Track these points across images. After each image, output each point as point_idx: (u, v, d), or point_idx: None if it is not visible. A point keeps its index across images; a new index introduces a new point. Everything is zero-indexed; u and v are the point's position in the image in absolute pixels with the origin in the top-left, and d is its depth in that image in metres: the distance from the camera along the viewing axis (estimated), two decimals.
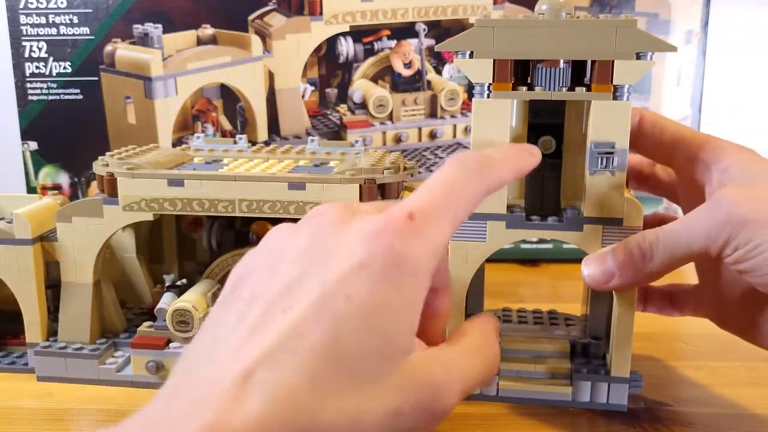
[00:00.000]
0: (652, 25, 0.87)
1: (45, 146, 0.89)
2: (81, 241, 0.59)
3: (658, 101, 0.89)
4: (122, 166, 0.58)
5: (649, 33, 0.50)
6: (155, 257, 0.70)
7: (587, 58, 0.51)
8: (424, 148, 0.91)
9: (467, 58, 0.51)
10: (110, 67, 0.87)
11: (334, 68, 0.88)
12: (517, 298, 0.67)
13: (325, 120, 0.90)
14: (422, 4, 0.86)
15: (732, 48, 0.99)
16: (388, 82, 0.89)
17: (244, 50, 0.87)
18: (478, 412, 0.55)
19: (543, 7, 0.52)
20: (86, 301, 0.60)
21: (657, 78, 0.88)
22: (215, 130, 0.89)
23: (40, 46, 0.86)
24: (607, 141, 0.50)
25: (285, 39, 0.86)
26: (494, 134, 0.52)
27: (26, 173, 0.90)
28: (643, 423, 0.53)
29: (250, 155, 0.67)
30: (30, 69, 0.87)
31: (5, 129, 0.97)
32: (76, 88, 0.87)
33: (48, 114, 0.88)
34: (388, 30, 0.87)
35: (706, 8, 0.86)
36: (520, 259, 0.92)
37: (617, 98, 0.50)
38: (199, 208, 0.57)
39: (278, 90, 0.88)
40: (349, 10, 0.85)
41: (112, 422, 0.52)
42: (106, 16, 0.85)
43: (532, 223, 0.53)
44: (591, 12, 0.85)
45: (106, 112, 0.88)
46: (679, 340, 0.67)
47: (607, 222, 0.52)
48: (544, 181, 0.58)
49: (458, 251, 0.54)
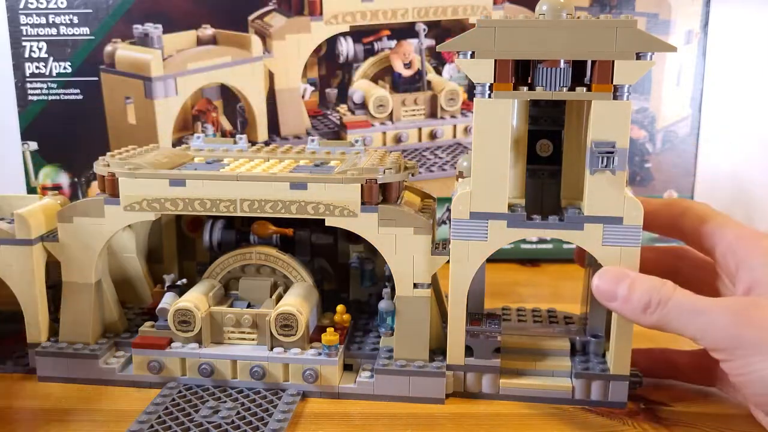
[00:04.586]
0: (652, 25, 0.87)
1: (45, 146, 0.89)
2: (82, 241, 0.59)
3: (658, 101, 0.89)
4: (124, 166, 0.58)
5: (649, 33, 0.50)
6: (155, 257, 0.70)
7: (587, 58, 0.51)
8: (424, 148, 0.92)
9: (468, 59, 0.51)
10: (110, 67, 0.87)
11: (334, 68, 0.88)
12: (517, 298, 0.67)
13: (325, 120, 0.90)
14: (422, 4, 0.86)
15: (732, 48, 0.99)
16: (388, 82, 0.89)
17: (244, 50, 0.87)
18: (484, 412, 0.55)
19: (543, 7, 0.52)
20: (87, 301, 0.60)
21: (657, 78, 0.89)
22: (215, 130, 0.89)
23: (40, 46, 0.86)
24: (608, 141, 0.51)
25: (285, 39, 0.86)
26: (495, 134, 0.52)
27: (26, 173, 0.90)
28: (643, 423, 0.53)
29: (250, 155, 0.67)
30: (30, 69, 0.87)
31: (5, 129, 0.97)
32: (76, 88, 0.87)
33: (48, 114, 0.88)
34: (388, 30, 0.87)
35: (706, 8, 0.87)
36: (520, 259, 0.92)
37: (617, 98, 0.50)
38: (201, 208, 0.57)
39: (278, 90, 0.88)
40: (349, 11, 0.86)
41: (113, 422, 0.53)
42: (106, 16, 0.85)
43: (534, 222, 0.54)
44: (591, 12, 0.86)
45: (106, 112, 0.88)
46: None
47: (607, 221, 0.52)
48: (544, 186, 0.58)
49: (460, 250, 0.54)
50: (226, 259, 0.62)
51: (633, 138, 0.89)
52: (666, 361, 0.59)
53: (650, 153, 0.90)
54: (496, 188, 0.53)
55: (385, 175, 0.56)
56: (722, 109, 1.00)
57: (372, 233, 0.56)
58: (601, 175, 0.52)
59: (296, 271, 0.61)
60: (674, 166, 0.90)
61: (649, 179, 0.91)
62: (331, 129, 0.90)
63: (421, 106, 0.91)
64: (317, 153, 0.67)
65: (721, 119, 1.00)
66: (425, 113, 0.91)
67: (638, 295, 0.49)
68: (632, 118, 0.87)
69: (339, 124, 0.90)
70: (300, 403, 0.55)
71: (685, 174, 0.91)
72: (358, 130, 0.89)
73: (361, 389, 0.56)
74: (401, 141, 0.90)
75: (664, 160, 0.90)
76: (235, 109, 0.89)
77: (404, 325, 0.57)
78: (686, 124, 0.90)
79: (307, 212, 0.56)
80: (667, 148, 0.90)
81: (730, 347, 0.46)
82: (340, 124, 0.90)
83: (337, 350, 0.56)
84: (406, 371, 0.56)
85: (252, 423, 0.51)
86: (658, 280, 0.50)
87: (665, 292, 0.49)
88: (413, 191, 0.65)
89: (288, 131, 0.88)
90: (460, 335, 0.56)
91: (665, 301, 0.49)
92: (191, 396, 0.55)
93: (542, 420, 0.54)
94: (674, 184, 0.91)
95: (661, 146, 0.90)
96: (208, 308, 0.58)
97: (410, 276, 0.56)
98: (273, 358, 0.56)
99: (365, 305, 0.67)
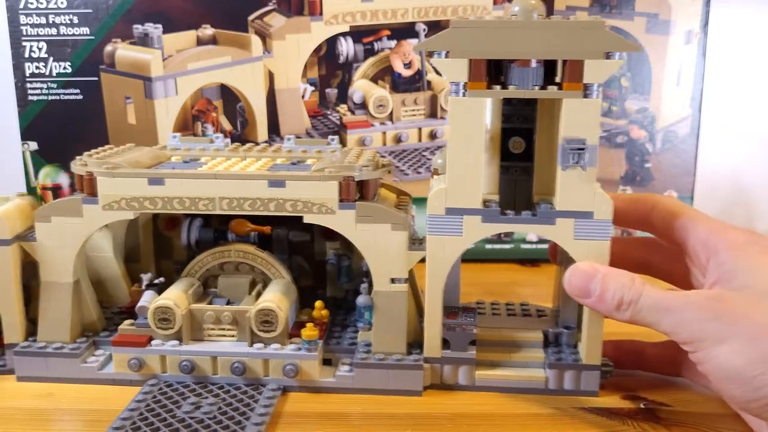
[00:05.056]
0: (652, 25, 0.87)
1: (45, 146, 0.88)
2: (60, 241, 0.59)
3: (658, 101, 0.89)
4: (101, 166, 0.58)
5: (616, 33, 0.52)
6: (132, 257, 0.70)
7: (558, 57, 0.53)
8: (424, 148, 0.92)
9: (443, 58, 0.53)
10: (110, 68, 0.87)
11: (334, 68, 0.88)
12: (517, 298, 0.68)
13: (325, 120, 0.90)
14: (422, 4, 0.86)
15: (732, 48, 0.99)
16: (388, 82, 0.90)
17: (244, 50, 0.87)
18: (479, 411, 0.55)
19: (516, 8, 0.54)
20: (66, 301, 0.60)
21: (657, 78, 0.89)
22: (215, 130, 0.89)
23: (40, 46, 0.86)
24: (579, 138, 0.52)
25: (285, 39, 0.86)
26: (470, 132, 0.53)
27: (26, 173, 0.90)
28: (643, 423, 0.53)
29: (227, 154, 0.68)
30: (30, 69, 0.87)
31: (5, 129, 0.97)
32: (76, 88, 0.87)
33: (48, 114, 0.88)
34: (388, 30, 0.87)
35: (706, 8, 0.87)
36: (520, 259, 0.92)
37: (588, 96, 0.52)
38: (180, 207, 0.58)
39: (278, 90, 0.88)
40: (349, 11, 0.86)
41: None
42: (106, 16, 0.85)
43: (507, 217, 0.55)
44: (591, 12, 0.87)
45: (106, 113, 0.88)
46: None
47: (578, 215, 0.54)
48: (517, 182, 0.59)
49: (436, 245, 0.56)
50: (204, 257, 0.62)
51: (633, 138, 0.90)
52: (634, 352, 0.61)
53: (650, 153, 0.90)
54: (471, 184, 0.54)
55: (362, 172, 0.57)
56: (722, 109, 1.00)
57: (350, 230, 0.57)
58: (572, 171, 0.53)
59: (275, 268, 0.62)
60: (674, 166, 0.91)
61: (649, 179, 0.91)
62: (331, 129, 0.90)
63: (421, 106, 0.91)
64: (294, 152, 0.68)
65: (721, 119, 1.00)
66: (425, 113, 0.92)
67: (611, 294, 0.51)
68: (632, 118, 0.89)
69: (339, 124, 0.90)
70: (281, 398, 0.56)
71: (685, 174, 0.91)
72: (358, 130, 0.89)
73: (340, 383, 0.57)
74: (401, 141, 0.90)
75: (664, 160, 0.91)
76: (235, 109, 0.89)
77: (382, 320, 0.58)
78: (686, 124, 0.90)
79: (286, 210, 0.57)
80: (667, 148, 0.90)
81: (696, 340, 0.48)
82: (340, 124, 0.90)
83: (316, 345, 0.57)
84: (384, 364, 0.57)
85: (234, 418, 0.52)
86: (628, 278, 0.51)
87: (635, 291, 0.51)
88: (389, 188, 0.66)
89: (288, 131, 0.88)
90: (436, 328, 0.57)
91: (636, 299, 0.50)
92: (172, 393, 0.56)
93: (543, 420, 0.54)
94: (674, 184, 0.91)
95: (661, 146, 0.90)
96: (188, 306, 0.58)
97: (387, 271, 0.57)
98: (253, 353, 0.57)
99: (342, 302, 0.68)
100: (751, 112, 1.03)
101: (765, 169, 1.05)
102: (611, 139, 0.90)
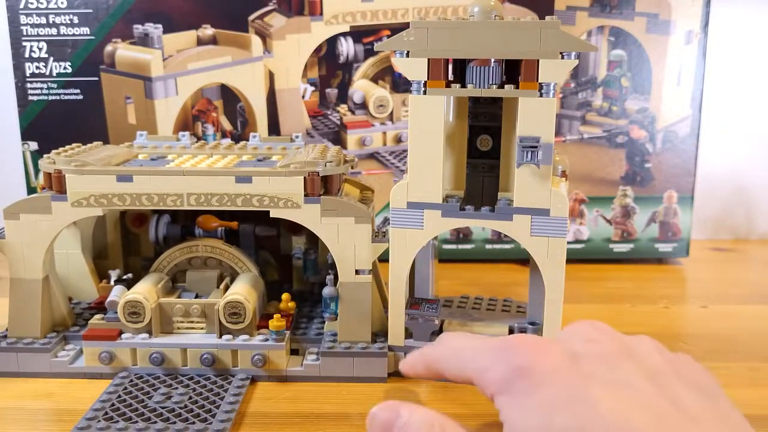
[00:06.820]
0: (653, 25, 0.88)
1: (45, 146, 0.88)
2: (29, 238, 0.60)
3: (658, 101, 0.90)
4: (70, 163, 0.59)
5: (571, 34, 0.54)
6: (100, 254, 0.71)
7: (514, 57, 0.55)
8: None
9: (404, 57, 0.55)
10: (110, 68, 0.87)
11: (335, 68, 0.89)
12: (516, 298, 0.69)
13: (326, 120, 0.90)
14: (422, 4, 0.87)
15: (732, 48, 1.00)
16: (388, 82, 0.90)
17: (245, 50, 0.87)
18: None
19: (474, 9, 0.56)
20: (36, 297, 0.61)
21: (657, 78, 0.90)
22: (215, 130, 0.89)
23: (40, 46, 0.85)
24: (533, 136, 0.54)
25: (285, 39, 0.87)
26: (429, 129, 0.56)
27: (26, 173, 0.90)
28: None
29: (193, 151, 0.69)
30: (30, 69, 0.86)
31: (5, 129, 0.97)
32: (76, 88, 0.87)
33: (48, 114, 0.88)
34: (388, 30, 0.87)
35: (706, 8, 0.88)
36: (520, 259, 0.93)
37: (543, 95, 0.54)
38: (148, 203, 0.59)
39: (278, 90, 0.88)
40: (349, 11, 0.86)
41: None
42: (106, 16, 0.85)
43: (466, 212, 0.57)
44: (591, 12, 0.88)
45: (107, 113, 0.88)
46: (680, 340, 0.69)
47: (535, 212, 0.56)
48: (484, 179, 0.62)
49: (399, 238, 0.58)
50: (173, 252, 0.64)
51: (633, 138, 0.90)
52: None
53: (650, 153, 0.91)
54: (431, 180, 0.57)
55: (326, 167, 0.59)
56: (722, 109, 1.01)
57: (315, 223, 0.59)
58: (527, 169, 0.55)
59: (242, 262, 0.64)
60: (674, 166, 0.92)
61: (649, 179, 0.92)
62: (332, 129, 0.90)
63: None
64: (259, 149, 0.70)
65: (721, 119, 1.01)
66: None
67: None
68: (633, 118, 0.90)
69: (339, 124, 0.90)
70: (249, 387, 0.58)
71: (685, 174, 0.92)
72: (358, 130, 0.90)
73: (307, 371, 0.59)
74: (401, 141, 0.91)
75: (664, 160, 0.91)
76: (235, 109, 0.89)
77: (347, 310, 0.60)
78: (686, 124, 0.91)
79: (252, 204, 0.59)
80: (667, 148, 0.91)
81: None
82: (340, 124, 0.90)
83: (284, 335, 0.59)
84: (350, 353, 0.59)
85: (204, 406, 0.53)
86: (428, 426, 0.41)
87: None
88: (353, 184, 0.68)
89: (288, 131, 0.88)
90: (400, 318, 0.59)
91: None
92: (143, 384, 0.57)
93: None
94: (674, 184, 0.92)
95: (662, 146, 0.91)
96: (157, 299, 0.60)
97: (352, 263, 0.59)
98: (222, 345, 0.58)
99: (308, 294, 0.70)
100: (751, 112, 1.03)
101: (765, 169, 1.05)
102: (611, 139, 0.91)
